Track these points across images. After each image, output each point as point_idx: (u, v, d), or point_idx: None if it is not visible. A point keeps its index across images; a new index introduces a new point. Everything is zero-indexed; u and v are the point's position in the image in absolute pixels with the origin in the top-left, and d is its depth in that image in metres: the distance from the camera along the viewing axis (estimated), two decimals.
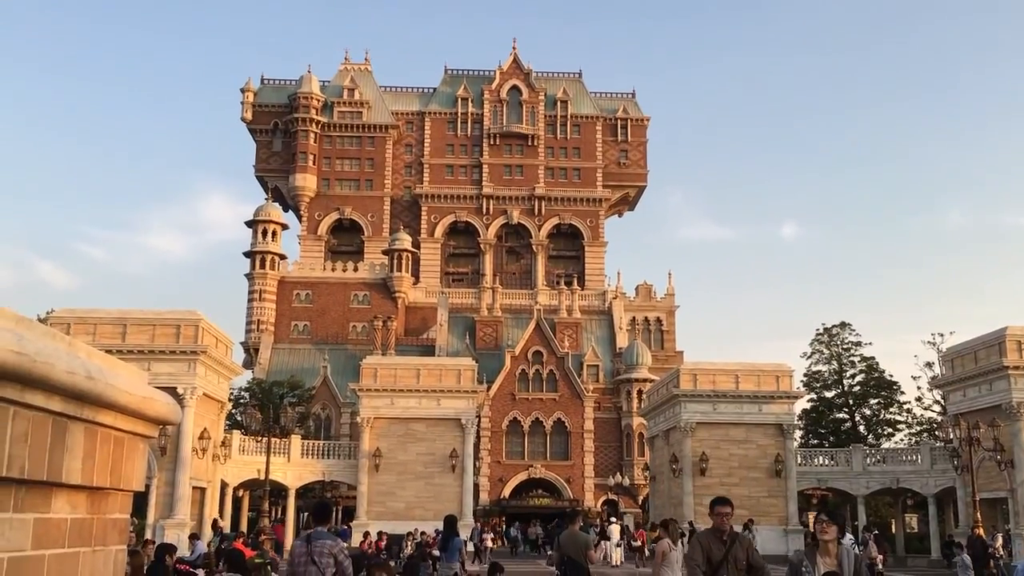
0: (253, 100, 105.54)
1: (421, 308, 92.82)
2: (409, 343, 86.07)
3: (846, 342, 78.57)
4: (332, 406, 77.97)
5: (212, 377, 44.27)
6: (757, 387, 50.52)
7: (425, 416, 51.48)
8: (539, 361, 75.22)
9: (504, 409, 74.08)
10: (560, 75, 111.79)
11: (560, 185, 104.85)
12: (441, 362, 57.05)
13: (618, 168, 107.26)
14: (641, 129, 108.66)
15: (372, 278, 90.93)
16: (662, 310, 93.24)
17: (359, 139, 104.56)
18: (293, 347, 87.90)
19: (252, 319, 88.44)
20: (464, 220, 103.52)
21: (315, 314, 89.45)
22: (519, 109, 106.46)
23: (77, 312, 42.51)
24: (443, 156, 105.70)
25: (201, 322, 42.49)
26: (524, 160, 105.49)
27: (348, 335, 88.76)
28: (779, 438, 50.28)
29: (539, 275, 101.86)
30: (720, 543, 9.58)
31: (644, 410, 63.25)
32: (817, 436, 77.06)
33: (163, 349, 41.87)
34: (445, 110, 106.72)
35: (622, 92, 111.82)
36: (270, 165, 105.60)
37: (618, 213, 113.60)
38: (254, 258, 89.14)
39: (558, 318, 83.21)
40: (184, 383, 41.65)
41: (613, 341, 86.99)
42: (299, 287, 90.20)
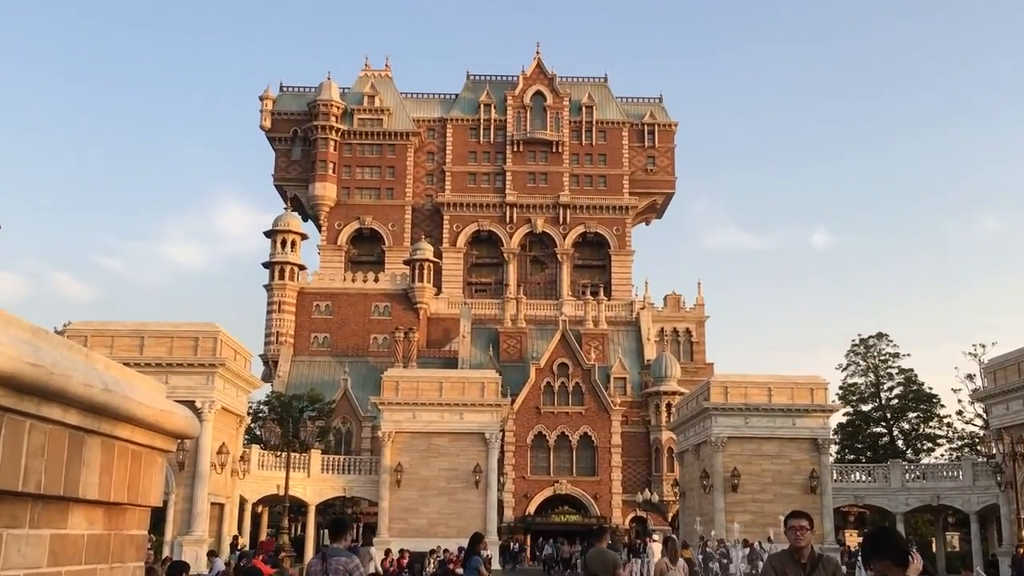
0: (272, 108, 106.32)
1: (443, 319, 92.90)
2: (431, 355, 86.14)
3: (883, 353, 77.88)
4: (353, 420, 78.13)
5: (231, 390, 44.50)
6: (791, 400, 50.18)
7: (448, 430, 51.45)
8: (565, 374, 75.04)
9: (529, 423, 73.94)
10: (585, 80, 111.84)
11: (585, 193, 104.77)
12: (464, 375, 57.04)
13: (645, 175, 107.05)
14: (669, 134, 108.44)
15: (393, 289, 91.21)
16: (691, 321, 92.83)
17: (379, 147, 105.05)
18: (313, 359, 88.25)
19: (271, 331, 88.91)
20: (487, 229, 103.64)
21: (335, 326, 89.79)
22: (543, 115, 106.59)
23: (94, 324, 42.87)
24: (465, 164, 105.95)
25: (219, 334, 42.74)
26: (548, 167, 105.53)
27: (369, 347, 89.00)
28: (814, 453, 49.86)
29: (564, 285, 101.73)
30: (797, 567, 8.01)
31: (673, 424, 62.94)
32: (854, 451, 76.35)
33: (181, 362, 42.11)
34: (467, 116, 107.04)
35: (649, 97, 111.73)
36: (289, 174, 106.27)
37: (645, 221, 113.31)
38: (273, 269, 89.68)
39: (584, 329, 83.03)
40: (202, 396, 41.88)
41: (641, 353, 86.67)
42: (319, 298, 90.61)
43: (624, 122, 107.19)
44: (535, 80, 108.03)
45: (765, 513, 47.60)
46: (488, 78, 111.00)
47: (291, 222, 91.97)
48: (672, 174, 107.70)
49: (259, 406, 72.83)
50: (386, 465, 50.93)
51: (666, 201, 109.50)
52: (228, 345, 43.82)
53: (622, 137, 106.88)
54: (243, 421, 47.64)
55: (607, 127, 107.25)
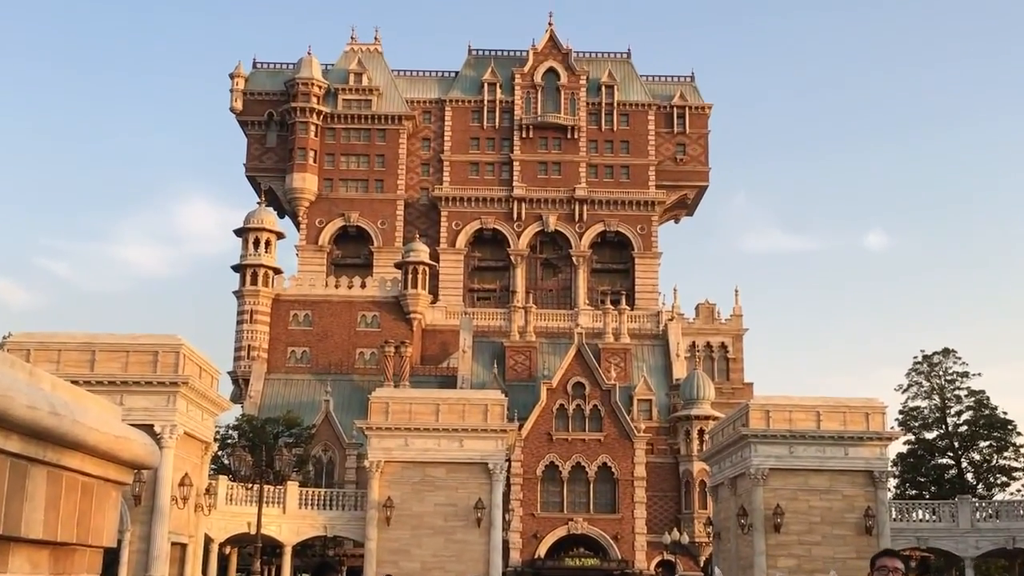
0: (244, 87, 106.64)
1: (440, 331, 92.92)
2: (426, 373, 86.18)
3: (950, 372, 77.69)
4: (335, 447, 78.18)
5: (195, 413, 44.53)
6: (843, 426, 50.08)
7: (445, 460, 51.40)
8: (581, 395, 74.98)
9: (539, 452, 73.86)
10: (605, 55, 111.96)
11: (605, 185, 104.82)
12: (464, 395, 56.97)
13: (674, 165, 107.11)
14: (701, 119, 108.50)
15: (383, 296, 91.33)
16: (727, 334, 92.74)
17: (368, 132, 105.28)
18: (290, 378, 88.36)
19: (242, 345, 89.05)
20: (491, 227, 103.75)
21: (315, 339, 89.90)
22: (556, 96, 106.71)
23: (38, 336, 42.96)
24: (466, 152, 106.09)
25: (182, 348, 42.79)
26: (562, 156, 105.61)
27: (354, 363, 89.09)
28: (869, 488, 49.70)
29: (580, 292, 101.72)
30: None
31: (706, 454, 62.77)
32: (915, 485, 76.15)
33: (138, 380, 42.17)
34: (469, 98, 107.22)
35: (678, 75, 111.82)
36: (263, 163, 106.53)
37: (674, 219, 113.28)
38: (244, 272, 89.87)
39: (603, 343, 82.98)
40: (162, 420, 41.93)
41: (669, 371, 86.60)
42: (297, 307, 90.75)
43: (650, 104, 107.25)
44: (547, 56, 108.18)
45: (813, 557, 47.44)
46: (493, 53, 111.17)
47: (265, 219, 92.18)
48: (705, 164, 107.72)
49: (228, 431, 72.81)
50: (374, 500, 50.89)
51: (698, 195, 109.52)
52: (192, 360, 43.84)
53: (647, 121, 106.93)
54: (209, 448, 47.63)
55: (630, 110, 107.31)
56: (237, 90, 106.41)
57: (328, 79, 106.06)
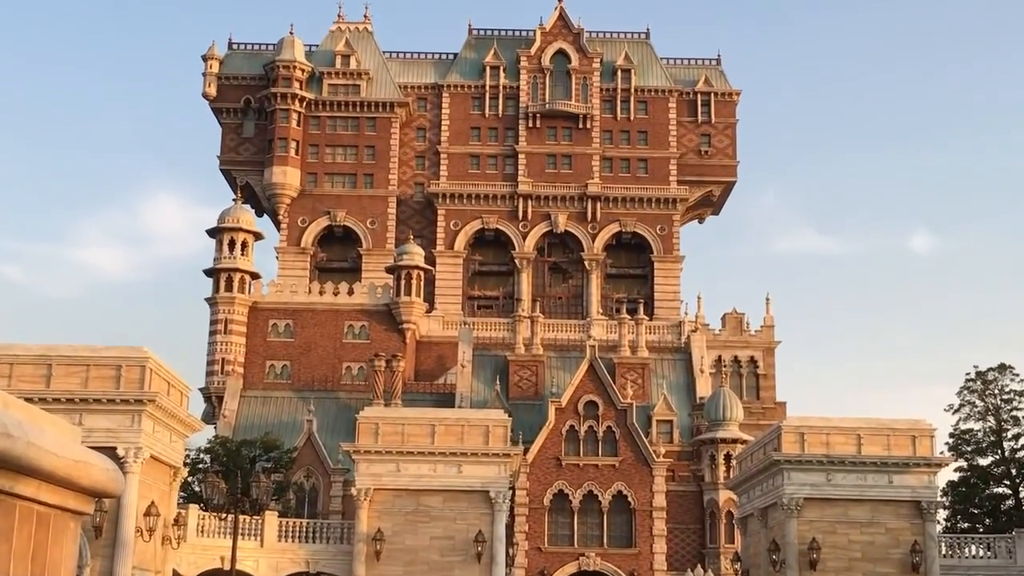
0: (218, 71, 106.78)
1: (437, 344, 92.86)
2: (421, 390, 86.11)
3: (1007, 391, 77.50)
4: (319, 473, 78.09)
5: (163, 434, 44.50)
6: (886, 451, 49.97)
7: (442, 487, 51.31)
8: (593, 415, 74.88)
9: (547, 479, 73.74)
10: (621, 36, 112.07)
11: (621, 181, 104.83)
12: (463, 415, 56.90)
13: (698, 158, 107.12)
14: (729, 107, 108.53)
15: (372, 304, 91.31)
16: (757, 347, 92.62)
17: (356, 121, 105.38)
18: (268, 395, 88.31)
19: (215, 358, 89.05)
20: (494, 228, 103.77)
21: (297, 351, 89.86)
22: (566, 81, 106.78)
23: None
24: (466, 143, 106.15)
25: (149, 361, 42.76)
26: (573, 148, 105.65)
27: (340, 379, 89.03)
28: (916, 520, 49.59)
29: (593, 300, 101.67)
30: None
31: (734, 481, 62.62)
32: (968, 518, 75.95)
33: (99, 397, 42.14)
34: (469, 82, 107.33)
35: (703, 58, 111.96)
36: (239, 155, 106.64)
37: (698, 218, 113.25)
38: (217, 277, 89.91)
39: (619, 357, 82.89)
40: (126, 442, 41.89)
41: (692, 389, 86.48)
42: (276, 316, 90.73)
43: (671, 90, 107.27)
44: (556, 36, 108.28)
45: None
46: (496, 33, 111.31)
47: (241, 217, 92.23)
48: (733, 157, 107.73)
49: (199, 455, 72.70)
50: (362, 532, 50.80)
51: (725, 192, 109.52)
52: (160, 376, 43.81)
53: (668, 109, 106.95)
54: (178, 474, 47.58)
55: (649, 96, 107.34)
56: (210, 74, 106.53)
57: (312, 61, 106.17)
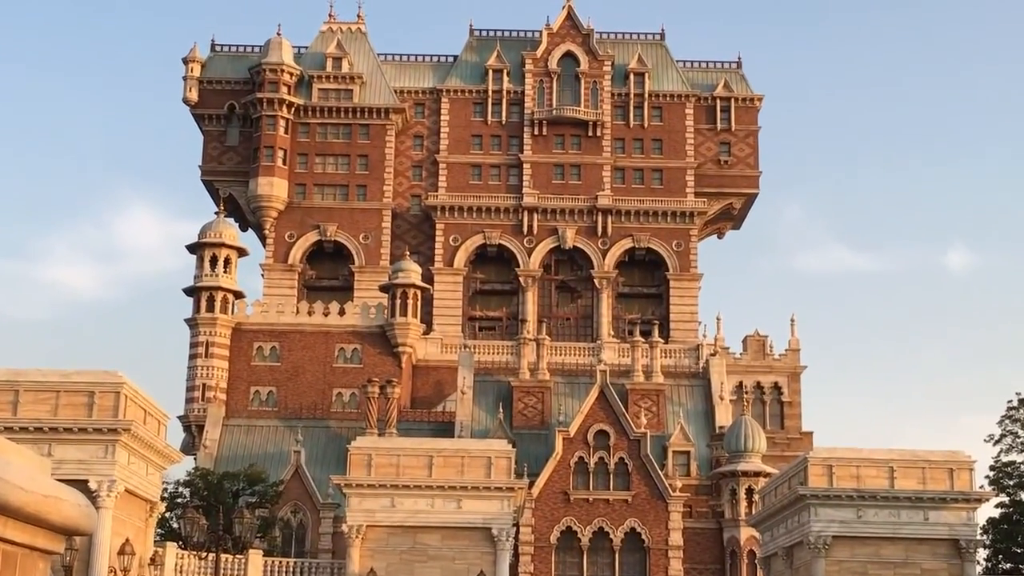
0: (200, 74, 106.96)
1: (435, 368, 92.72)
2: (417, 419, 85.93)
3: None
4: (307, 508, 77.91)
5: (138, 466, 44.41)
6: (921, 485, 49.89)
7: (440, 524, 51.17)
8: (604, 445, 74.70)
9: (554, 514, 73.53)
10: (634, 37, 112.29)
11: (634, 193, 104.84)
12: (464, 446, 56.78)
13: (718, 168, 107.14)
14: (750, 113, 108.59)
15: (365, 326, 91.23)
16: (782, 372, 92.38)
17: (348, 128, 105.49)
18: (252, 423, 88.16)
19: (195, 383, 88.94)
20: (496, 243, 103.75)
21: (284, 376, 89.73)
22: (575, 85, 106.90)
23: None
24: (467, 152, 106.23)
25: (123, 387, 42.71)
26: (582, 157, 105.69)
27: (330, 407, 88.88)
28: (954, 560, 49.43)
29: (604, 322, 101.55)
30: None
31: (756, 517, 62.42)
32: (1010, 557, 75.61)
33: (70, 425, 42.08)
34: (470, 87, 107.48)
35: (722, 60, 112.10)
36: (222, 165, 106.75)
37: (717, 233, 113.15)
38: (198, 296, 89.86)
39: (631, 383, 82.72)
40: (99, 474, 41.81)
41: (711, 417, 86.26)
42: (262, 338, 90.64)
43: (688, 95, 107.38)
44: (564, 37, 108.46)
45: None
46: (499, 35, 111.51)
47: (224, 232, 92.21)
48: (754, 167, 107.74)
49: (177, 488, 72.64)
50: (353, 572, 50.68)
51: (746, 205, 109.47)
52: (136, 403, 43.75)
53: (685, 116, 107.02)
54: (155, 509, 47.50)
55: (664, 102, 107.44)
56: (191, 77, 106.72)
57: (301, 64, 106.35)
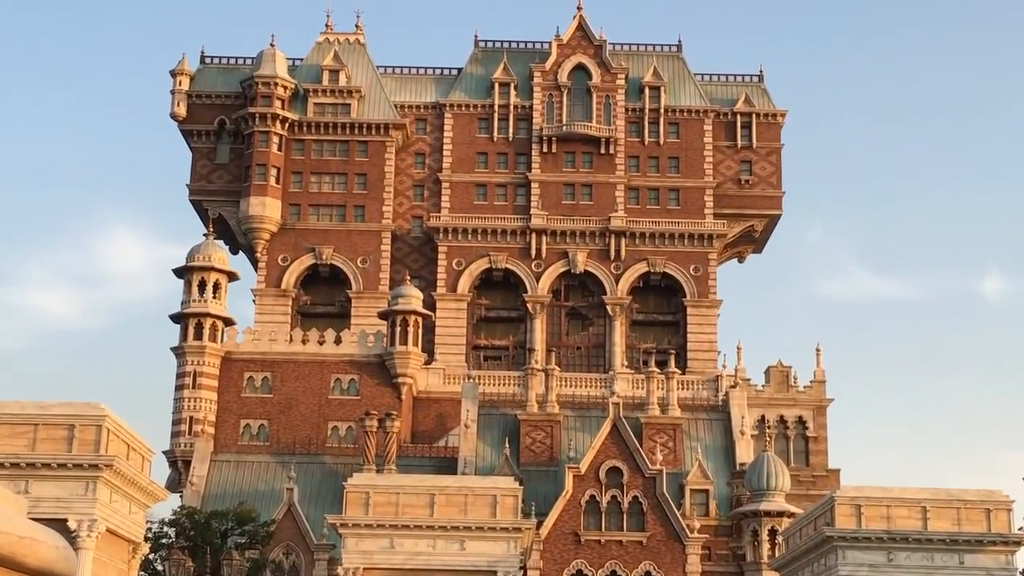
0: (188, 87, 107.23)
1: (437, 400, 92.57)
2: (418, 454, 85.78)
3: None
4: (300, 549, 77.73)
5: (121, 504, 44.31)
6: (956, 526, 49.71)
7: (442, 566, 51.04)
8: (617, 483, 74.50)
9: (564, 556, 73.30)
10: (649, 49, 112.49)
11: (650, 214, 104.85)
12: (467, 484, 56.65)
13: (738, 188, 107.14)
14: (773, 129, 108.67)
15: (363, 355, 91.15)
16: (806, 406, 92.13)
17: (345, 145, 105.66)
18: (243, 459, 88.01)
19: (181, 416, 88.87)
20: (503, 267, 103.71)
21: (276, 409, 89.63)
22: (586, 99, 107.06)
23: None
24: (471, 170, 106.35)
25: (105, 420, 42.67)
26: (594, 176, 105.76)
27: (326, 441, 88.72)
28: None
29: (617, 351, 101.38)
30: None
31: (780, 561, 62.19)
32: None
33: (48, 461, 41.98)
34: (475, 101, 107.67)
35: (742, 74, 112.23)
36: (211, 184, 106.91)
37: (737, 256, 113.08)
38: (185, 323, 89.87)
39: (646, 417, 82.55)
40: (79, 513, 41.70)
41: (731, 453, 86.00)
42: (253, 368, 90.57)
43: (707, 110, 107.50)
44: (575, 49, 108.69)
45: None
46: (506, 46, 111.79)
47: (214, 255, 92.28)
48: (777, 187, 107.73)
49: (162, 528, 72.46)
50: None
51: (768, 227, 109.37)
52: (118, 436, 43.68)
53: (704, 132, 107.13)
54: (138, 550, 47.35)
55: (681, 118, 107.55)
56: (179, 91, 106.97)
57: (295, 77, 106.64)
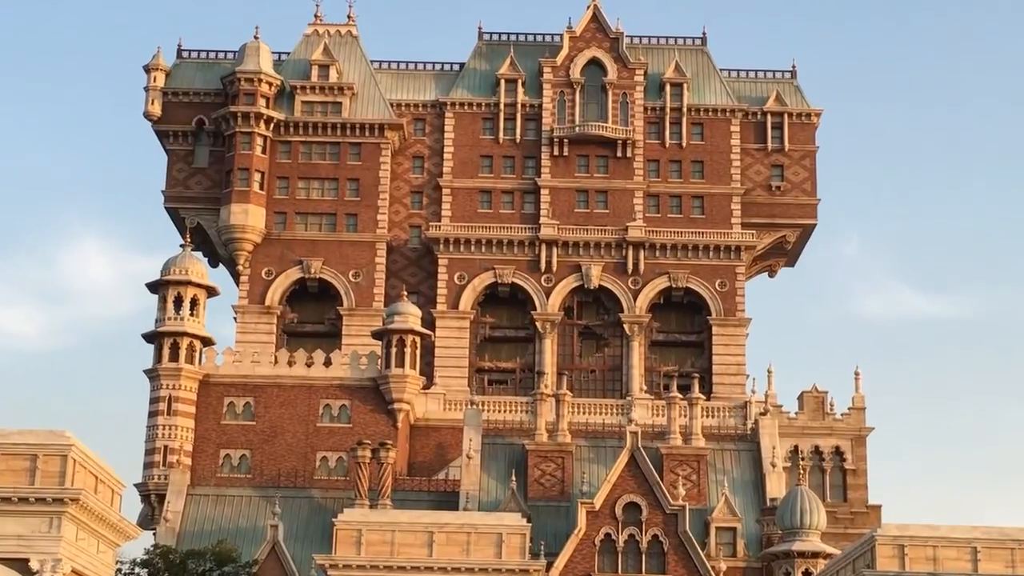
0: (164, 84, 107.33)
1: (436, 429, 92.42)
2: (416, 488, 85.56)
3: None
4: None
5: (88, 542, 44.27)
6: (1010, 568, 49.82)
7: None
8: (635, 520, 74.29)
9: None
10: (670, 42, 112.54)
11: (671, 223, 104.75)
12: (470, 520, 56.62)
13: (768, 195, 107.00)
14: (807, 130, 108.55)
15: (355, 378, 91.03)
16: (844, 435, 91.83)
17: (336, 147, 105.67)
18: (222, 493, 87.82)
19: (155, 446, 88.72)
20: (509, 282, 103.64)
21: (260, 438, 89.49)
22: (601, 98, 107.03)
23: None
24: (475, 175, 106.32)
25: (71, 450, 42.66)
26: (610, 182, 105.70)
27: (314, 473, 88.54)
28: None
29: (635, 375, 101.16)
30: None
31: None
32: None
33: (8, 495, 41.96)
34: (479, 100, 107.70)
35: (773, 70, 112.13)
36: (189, 190, 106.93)
37: (768, 271, 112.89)
38: (160, 344, 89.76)
39: (667, 447, 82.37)
40: (41, 552, 41.66)
41: (761, 487, 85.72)
42: (234, 392, 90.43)
43: (734, 109, 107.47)
44: (589, 42, 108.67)
45: None
46: (513, 39, 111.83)
47: (191, 268, 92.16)
48: (812, 194, 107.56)
49: (134, 569, 72.38)
50: None
51: (802, 238, 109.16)
52: (85, 468, 43.67)
53: (731, 134, 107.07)
54: None
55: (706, 118, 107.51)
56: (154, 88, 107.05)
57: (281, 73, 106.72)
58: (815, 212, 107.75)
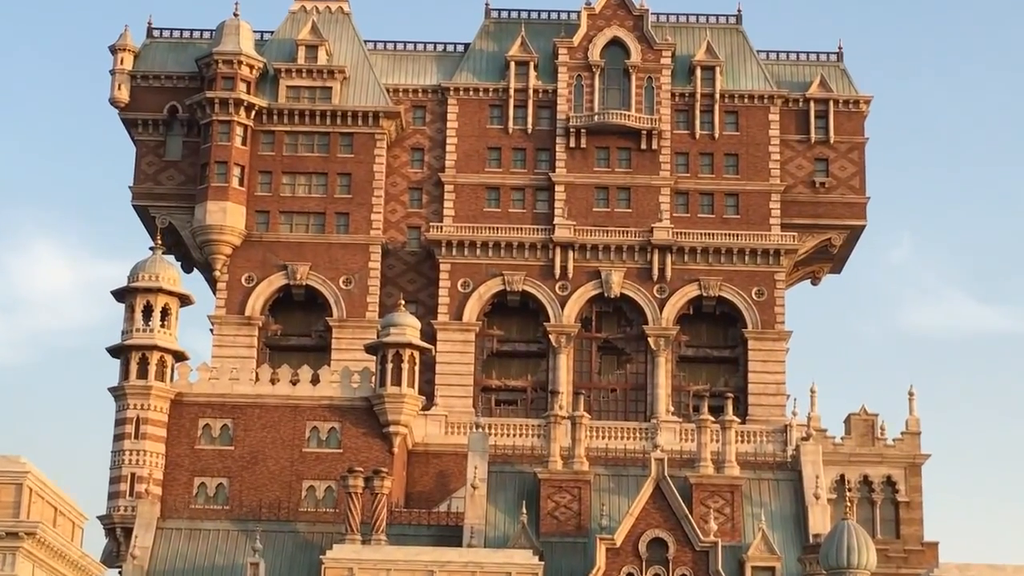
0: (132, 67, 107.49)
1: (437, 455, 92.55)
2: (415, 521, 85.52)
3: None
4: None
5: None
6: None
7: None
8: (661, 559, 74.32)
9: None
10: (701, 20, 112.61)
11: (701, 224, 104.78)
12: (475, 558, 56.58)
13: (812, 193, 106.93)
14: (855, 120, 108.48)
15: (346, 398, 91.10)
16: (897, 463, 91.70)
17: (325, 138, 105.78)
18: (197, 526, 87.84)
19: (121, 473, 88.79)
20: (520, 290, 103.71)
21: (239, 465, 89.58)
22: (624, 83, 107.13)
23: None
24: (481, 169, 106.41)
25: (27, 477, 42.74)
26: (633, 177, 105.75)
27: (299, 504, 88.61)
28: None
29: (661, 394, 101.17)
30: None
31: None
32: None
33: None
34: (486, 85, 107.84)
35: (817, 51, 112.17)
36: (160, 186, 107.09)
37: (811, 277, 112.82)
38: (127, 359, 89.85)
39: (697, 476, 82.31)
40: None
41: (803, 521, 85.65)
42: (210, 413, 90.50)
43: (773, 95, 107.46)
44: (610, 20, 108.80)
45: None
46: (524, 17, 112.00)
47: (162, 274, 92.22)
48: (860, 191, 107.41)
49: None
50: None
51: (849, 241, 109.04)
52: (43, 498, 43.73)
53: (769, 123, 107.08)
54: None
55: (741, 105, 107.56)
56: (121, 71, 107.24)
57: (264, 55, 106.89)
58: (864, 212, 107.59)
